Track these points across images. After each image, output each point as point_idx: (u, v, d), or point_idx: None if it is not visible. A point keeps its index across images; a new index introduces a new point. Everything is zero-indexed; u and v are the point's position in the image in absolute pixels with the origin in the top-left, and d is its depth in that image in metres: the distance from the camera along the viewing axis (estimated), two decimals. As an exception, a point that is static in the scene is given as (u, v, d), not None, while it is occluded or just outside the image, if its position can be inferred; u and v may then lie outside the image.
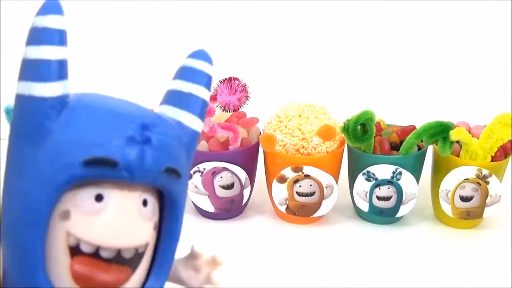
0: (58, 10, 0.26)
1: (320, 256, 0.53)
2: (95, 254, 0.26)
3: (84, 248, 0.26)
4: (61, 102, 0.26)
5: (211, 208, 0.58)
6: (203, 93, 0.31)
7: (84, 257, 0.26)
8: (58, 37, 0.26)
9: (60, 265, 0.26)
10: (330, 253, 0.54)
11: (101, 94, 0.29)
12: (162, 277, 0.29)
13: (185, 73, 0.31)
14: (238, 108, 0.56)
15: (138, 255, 0.27)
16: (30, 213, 0.25)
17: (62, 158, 0.25)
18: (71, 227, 0.26)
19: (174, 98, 0.31)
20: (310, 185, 0.55)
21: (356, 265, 0.51)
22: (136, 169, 0.26)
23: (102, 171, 0.25)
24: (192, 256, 0.33)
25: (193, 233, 0.57)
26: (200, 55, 0.31)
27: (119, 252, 0.26)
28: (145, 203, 0.27)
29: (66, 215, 0.26)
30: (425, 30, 0.81)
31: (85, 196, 0.26)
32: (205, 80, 0.31)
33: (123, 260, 0.27)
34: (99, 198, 0.26)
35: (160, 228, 0.29)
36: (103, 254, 0.26)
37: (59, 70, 0.26)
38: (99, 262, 0.26)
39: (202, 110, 0.31)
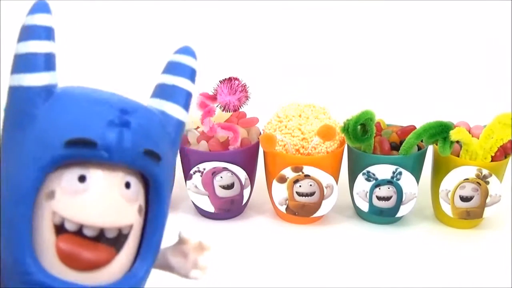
0: (45, 10, 0.29)
1: (320, 256, 0.53)
2: (79, 233, 0.27)
3: (68, 226, 0.27)
4: (48, 91, 0.29)
5: (211, 208, 0.58)
6: (186, 85, 0.33)
7: (69, 235, 0.27)
8: (44, 33, 0.29)
9: (47, 244, 0.27)
10: (330, 253, 0.54)
11: (86, 86, 0.31)
12: (148, 260, 0.30)
13: (169, 67, 0.33)
14: (238, 108, 0.56)
15: (122, 236, 0.29)
16: (17, 192, 0.27)
17: (46, 140, 0.27)
18: (56, 206, 0.27)
19: (159, 90, 0.33)
20: (310, 185, 0.55)
21: (356, 265, 0.51)
22: (115, 149, 0.27)
23: (82, 152, 0.27)
24: (180, 242, 0.33)
25: (193, 233, 0.57)
26: (184, 50, 0.33)
27: (102, 231, 0.28)
28: (128, 185, 0.29)
29: (51, 195, 0.27)
30: (425, 30, 0.81)
31: (69, 176, 0.27)
32: (189, 72, 0.33)
33: (106, 240, 0.28)
34: (82, 179, 0.27)
35: (146, 213, 0.30)
36: (86, 232, 0.27)
37: (45, 62, 0.29)
38: (83, 240, 0.27)
39: (186, 101, 0.33)
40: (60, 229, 0.27)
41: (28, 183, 0.27)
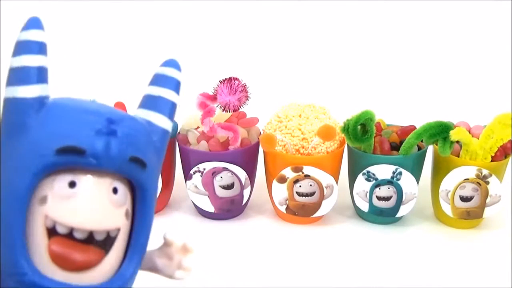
0: (38, 26, 0.31)
1: (320, 256, 0.53)
2: (70, 236, 0.29)
3: (60, 229, 0.29)
4: (40, 102, 0.30)
5: (211, 208, 0.58)
6: (171, 96, 0.34)
7: (60, 238, 0.29)
8: (37, 48, 0.31)
9: (40, 246, 0.29)
10: (330, 253, 0.54)
11: (75, 97, 0.33)
12: (134, 261, 0.32)
13: (155, 79, 0.35)
14: (238, 108, 0.56)
15: (110, 238, 0.30)
16: (11, 197, 0.29)
17: (38, 148, 0.29)
18: (48, 210, 0.29)
19: (145, 101, 0.34)
20: (310, 185, 0.55)
21: (356, 265, 0.51)
22: (102, 156, 0.29)
23: (72, 159, 0.29)
24: (165, 244, 0.35)
25: (193, 233, 0.57)
26: (169, 63, 0.35)
27: (91, 234, 0.29)
28: (115, 190, 0.31)
29: (44, 200, 0.29)
30: (425, 30, 0.81)
31: (60, 182, 0.29)
32: (174, 84, 0.35)
33: (96, 242, 0.30)
34: (72, 184, 0.29)
35: (133, 217, 0.32)
36: (77, 235, 0.29)
37: (38, 75, 0.30)
38: (74, 243, 0.29)
39: (171, 111, 0.35)
40: (52, 232, 0.29)
41: (22, 188, 0.29)
